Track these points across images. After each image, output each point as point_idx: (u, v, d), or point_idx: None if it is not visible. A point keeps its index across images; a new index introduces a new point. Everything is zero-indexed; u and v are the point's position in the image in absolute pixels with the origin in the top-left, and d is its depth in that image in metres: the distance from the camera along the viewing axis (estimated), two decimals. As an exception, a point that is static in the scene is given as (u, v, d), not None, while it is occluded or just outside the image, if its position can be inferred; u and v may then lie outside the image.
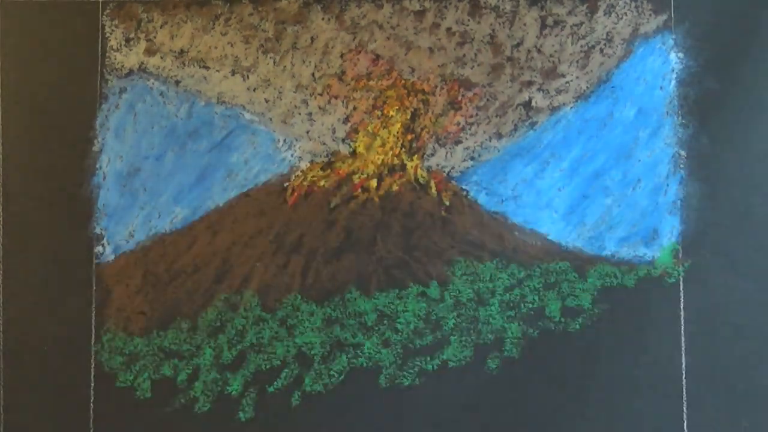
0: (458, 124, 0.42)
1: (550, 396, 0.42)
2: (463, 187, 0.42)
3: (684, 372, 0.42)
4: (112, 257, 0.42)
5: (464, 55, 0.43)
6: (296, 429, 0.41)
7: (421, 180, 0.42)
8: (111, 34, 0.43)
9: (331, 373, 0.41)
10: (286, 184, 0.42)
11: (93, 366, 0.41)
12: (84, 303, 0.41)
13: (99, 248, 0.42)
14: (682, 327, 0.42)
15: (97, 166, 0.42)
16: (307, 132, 0.42)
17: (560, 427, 0.42)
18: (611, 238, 0.42)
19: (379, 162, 0.42)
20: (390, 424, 0.41)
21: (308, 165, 0.42)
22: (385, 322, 0.41)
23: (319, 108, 0.42)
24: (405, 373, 0.41)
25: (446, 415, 0.41)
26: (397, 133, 0.43)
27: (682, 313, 0.42)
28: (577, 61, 0.42)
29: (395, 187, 0.42)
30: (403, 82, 0.43)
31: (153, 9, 0.43)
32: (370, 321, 0.41)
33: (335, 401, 0.41)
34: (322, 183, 0.42)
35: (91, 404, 0.41)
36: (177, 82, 0.42)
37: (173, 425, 0.41)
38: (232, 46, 0.42)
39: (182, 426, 0.41)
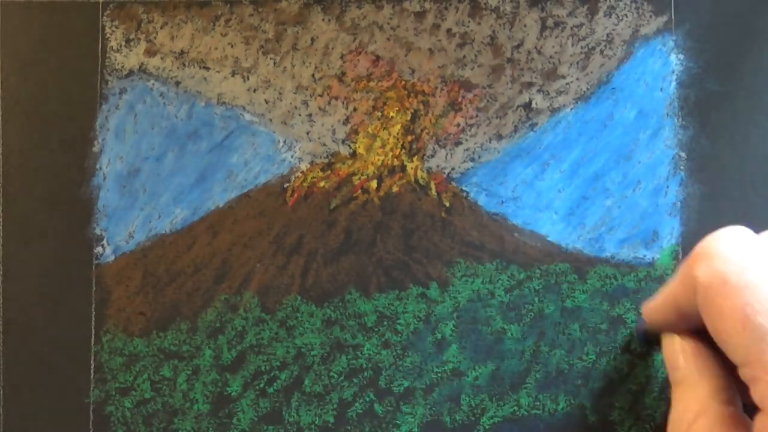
0: (458, 125, 0.42)
1: (550, 396, 0.42)
2: (463, 188, 0.42)
3: (683, 373, 0.42)
4: (111, 258, 0.42)
5: (464, 57, 0.42)
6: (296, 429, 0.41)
7: (421, 181, 0.42)
8: (111, 34, 0.42)
9: (331, 374, 0.41)
10: (286, 185, 0.42)
11: (93, 366, 0.41)
12: (84, 303, 0.41)
13: (99, 249, 0.42)
14: (682, 328, 0.42)
15: (97, 166, 0.42)
16: (307, 133, 0.42)
17: (559, 425, 0.42)
18: (611, 239, 0.42)
19: (379, 163, 0.42)
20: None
21: (308, 166, 0.42)
22: (385, 323, 0.41)
23: (320, 109, 0.42)
24: (404, 374, 0.41)
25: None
26: (397, 134, 0.42)
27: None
28: (578, 63, 0.42)
29: (395, 189, 0.42)
30: (403, 83, 0.43)
31: (153, 10, 0.43)
32: (369, 322, 0.41)
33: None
34: (322, 184, 0.42)
35: (91, 404, 0.41)
36: (177, 83, 0.42)
37: (173, 426, 0.41)
38: (232, 47, 0.42)
39: (181, 426, 0.41)
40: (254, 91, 0.42)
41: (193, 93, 0.42)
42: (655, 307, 0.35)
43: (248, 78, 0.42)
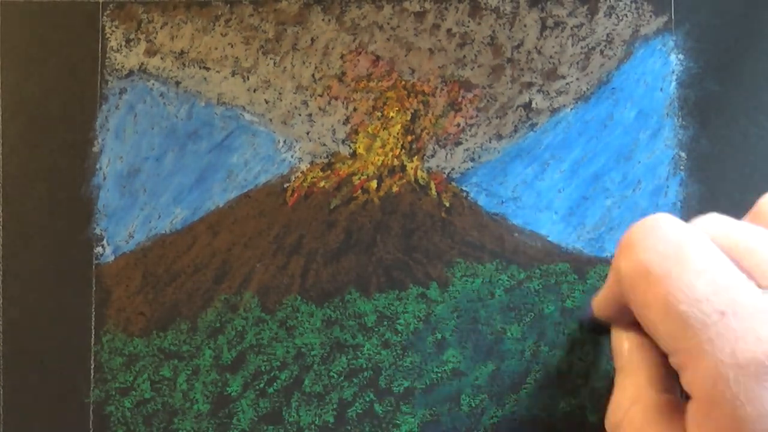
0: (458, 125, 0.42)
1: (550, 396, 0.42)
2: (463, 188, 0.42)
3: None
4: (111, 258, 0.42)
5: (464, 57, 0.43)
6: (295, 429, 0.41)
7: (421, 181, 0.42)
8: (111, 34, 0.42)
9: (331, 374, 0.41)
10: (286, 185, 0.42)
11: (93, 366, 0.41)
12: (84, 303, 0.41)
13: (99, 249, 0.42)
14: (682, 328, 0.42)
15: (97, 166, 0.42)
16: (307, 133, 0.42)
17: (559, 425, 0.42)
18: (611, 239, 0.42)
19: (379, 163, 0.42)
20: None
21: (308, 166, 0.42)
22: (385, 323, 0.41)
23: (320, 109, 0.42)
24: (404, 374, 0.41)
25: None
26: (397, 134, 0.42)
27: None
28: (578, 63, 0.42)
29: (395, 189, 0.42)
30: (403, 83, 0.43)
31: (153, 10, 0.43)
32: (369, 322, 0.41)
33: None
34: (322, 184, 0.42)
35: (91, 404, 0.41)
36: (177, 83, 0.42)
37: (172, 426, 0.41)
38: (232, 47, 0.42)
39: (181, 426, 0.41)
40: (254, 91, 0.42)
41: (193, 93, 0.42)
42: (599, 299, 0.35)
43: (248, 78, 0.42)
